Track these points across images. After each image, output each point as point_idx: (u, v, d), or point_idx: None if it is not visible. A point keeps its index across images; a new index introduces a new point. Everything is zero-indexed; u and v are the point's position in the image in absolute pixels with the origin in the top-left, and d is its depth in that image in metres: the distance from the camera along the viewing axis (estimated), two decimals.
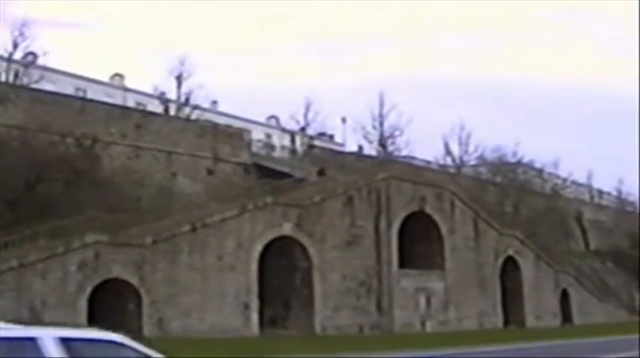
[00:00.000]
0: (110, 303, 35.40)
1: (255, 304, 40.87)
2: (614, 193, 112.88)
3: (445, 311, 52.09)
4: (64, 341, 8.99)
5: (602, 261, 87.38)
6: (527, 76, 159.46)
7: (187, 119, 64.37)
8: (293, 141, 78.70)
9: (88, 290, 34.80)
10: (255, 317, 40.71)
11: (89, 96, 65.47)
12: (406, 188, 51.50)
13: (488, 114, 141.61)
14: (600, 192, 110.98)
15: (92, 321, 33.90)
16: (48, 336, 8.97)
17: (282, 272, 43.86)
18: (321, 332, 43.32)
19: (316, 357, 30.20)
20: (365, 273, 47.46)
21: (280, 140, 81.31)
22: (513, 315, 57.65)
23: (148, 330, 36.21)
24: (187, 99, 71.33)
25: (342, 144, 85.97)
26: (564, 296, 64.78)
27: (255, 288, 41.06)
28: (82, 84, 73.50)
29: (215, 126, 60.65)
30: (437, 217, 53.24)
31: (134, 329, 35.70)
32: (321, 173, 54.80)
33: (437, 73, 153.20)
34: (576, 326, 60.50)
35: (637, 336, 46.29)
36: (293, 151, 75.98)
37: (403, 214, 50.68)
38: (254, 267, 41.35)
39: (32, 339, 8.86)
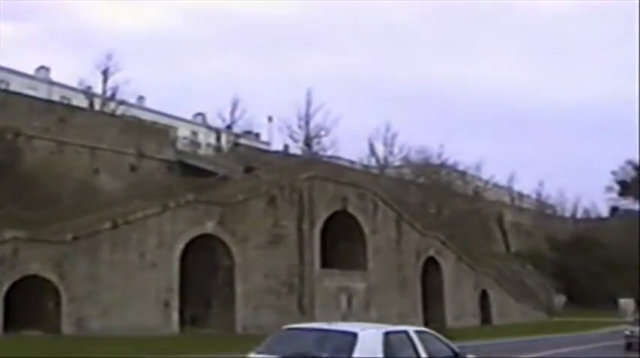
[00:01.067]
0: (28, 301, 34.91)
1: (176, 302, 40.71)
2: (534, 196, 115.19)
3: (366, 311, 52.50)
4: (416, 333, 14.29)
5: (522, 263, 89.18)
6: (454, 78, 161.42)
7: (112, 114, 63.79)
8: (219, 138, 78.55)
9: (5, 287, 34.18)
10: (175, 315, 40.56)
11: (12, 88, 64.45)
12: (329, 188, 51.83)
13: (415, 116, 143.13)
14: (521, 195, 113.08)
15: (9, 320, 33.50)
16: (411, 330, 14.37)
17: (203, 271, 43.77)
18: (242, 331, 43.30)
19: (231, 357, 30.20)
20: (287, 273, 47.68)
21: (206, 138, 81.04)
22: (433, 315, 58.31)
23: (66, 329, 35.84)
24: (113, 95, 70.67)
25: (267, 143, 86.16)
26: (484, 296, 65.90)
27: (176, 287, 40.90)
28: (5, 76, 72.41)
29: (140, 122, 60.24)
30: (360, 217, 53.72)
31: (52, 327, 35.35)
32: (248, 171, 54.78)
33: (365, 73, 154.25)
34: (495, 326, 61.59)
35: (554, 336, 47.71)
36: (218, 149, 75.88)
37: (326, 214, 50.99)
38: (175, 265, 41.18)
39: (405, 332, 14.13)
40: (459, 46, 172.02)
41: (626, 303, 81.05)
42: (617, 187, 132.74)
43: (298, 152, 76.96)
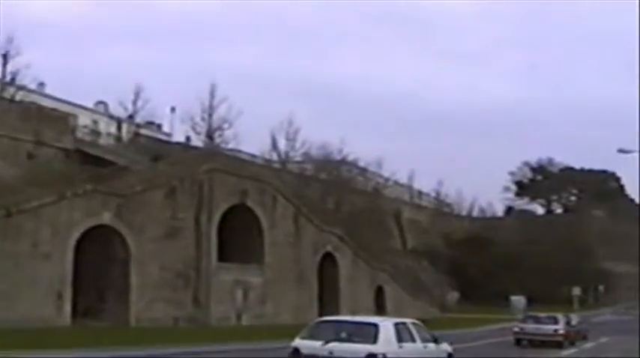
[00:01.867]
0: None
1: (68, 294, 40.16)
2: (433, 194, 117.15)
3: (262, 304, 52.87)
4: (411, 323, 19.34)
5: (418, 259, 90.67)
6: (358, 76, 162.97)
7: (11, 100, 62.38)
8: (119, 128, 77.50)
9: None
10: (68, 307, 40.04)
11: None
12: (229, 181, 51.88)
13: (317, 112, 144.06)
14: (420, 193, 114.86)
15: None
16: (407, 321, 19.59)
17: (98, 263, 43.32)
18: (135, 324, 43.12)
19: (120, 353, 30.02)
20: (183, 265, 47.56)
21: (107, 127, 79.78)
22: (329, 310, 58.58)
23: None
24: (13, 79, 69.11)
25: (169, 134, 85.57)
26: (380, 292, 66.86)
27: (69, 278, 40.37)
28: None
29: (39, 108, 59.03)
30: (258, 211, 53.96)
31: None
32: (155, 160, 54.42)
33: (269, 68, 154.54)
34: None
35: (445, 332, 48.70)
36: (119, 139, 74.96)
37: (225, 207, 51.04)
38: (69, 256, 40.65)
39: (404, 323, 19.19)
40: (361, 45, 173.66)
41: (518, 300, 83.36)
42: (514, 187, 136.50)
43: (200, 144, 76.65)
